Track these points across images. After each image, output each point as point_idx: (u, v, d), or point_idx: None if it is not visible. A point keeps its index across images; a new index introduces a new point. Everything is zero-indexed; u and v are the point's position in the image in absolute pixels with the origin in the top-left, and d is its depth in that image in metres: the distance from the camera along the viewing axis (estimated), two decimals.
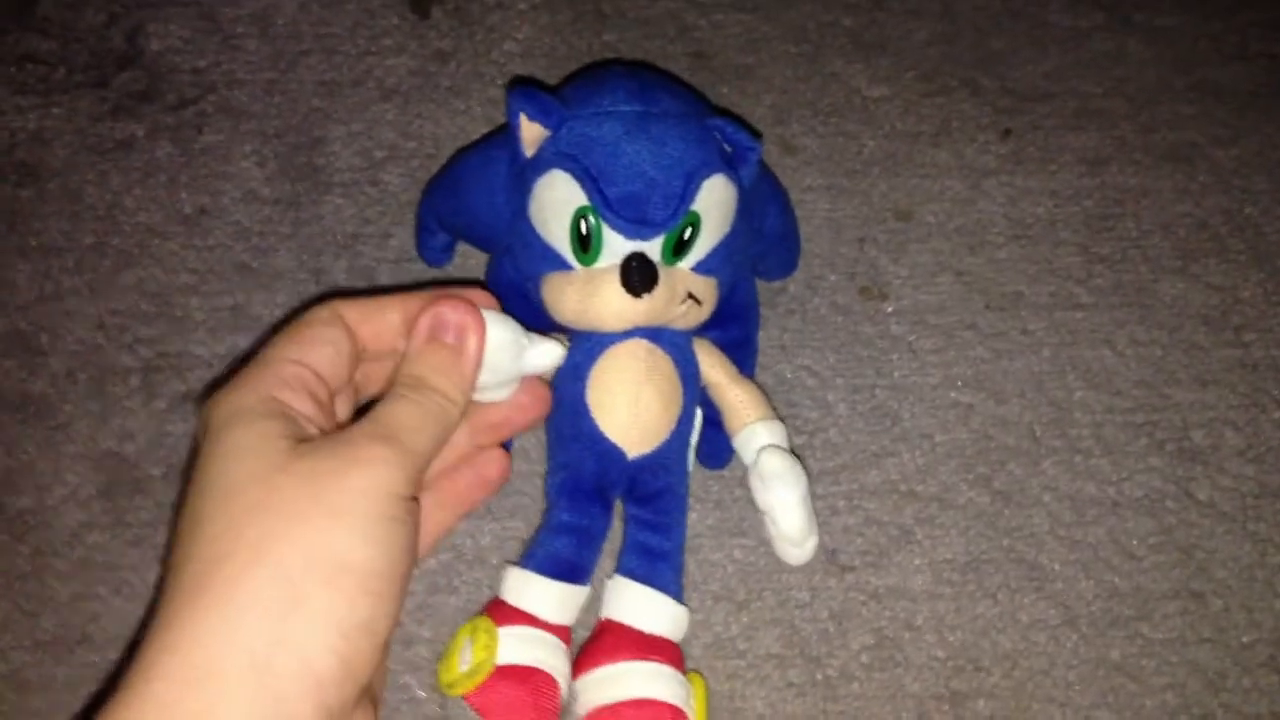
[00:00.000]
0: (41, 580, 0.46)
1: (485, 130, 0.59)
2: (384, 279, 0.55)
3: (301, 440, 0.32)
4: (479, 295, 0.39)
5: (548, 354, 0.40)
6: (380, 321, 0.37)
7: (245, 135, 0.58)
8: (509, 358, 0.38)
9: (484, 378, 0.37)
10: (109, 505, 0.48)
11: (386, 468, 0.31)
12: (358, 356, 0.36)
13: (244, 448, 0.31)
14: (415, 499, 0.32)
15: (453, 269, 0.55)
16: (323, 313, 0.36)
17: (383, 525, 0.30)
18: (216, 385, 0.34)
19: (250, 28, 0.62)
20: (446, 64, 0.62)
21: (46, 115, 0.58)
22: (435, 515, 0.38)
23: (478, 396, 0.38)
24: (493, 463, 0.40)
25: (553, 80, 0.61)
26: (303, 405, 0.33)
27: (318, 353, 0.34)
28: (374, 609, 0.30)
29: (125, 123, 0.58)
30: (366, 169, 0.58)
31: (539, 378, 0.41)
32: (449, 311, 0.36)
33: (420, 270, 0.55)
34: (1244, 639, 0.49)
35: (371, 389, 0.38)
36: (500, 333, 0.37)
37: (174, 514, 0.32)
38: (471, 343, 0.36)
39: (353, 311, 0.36)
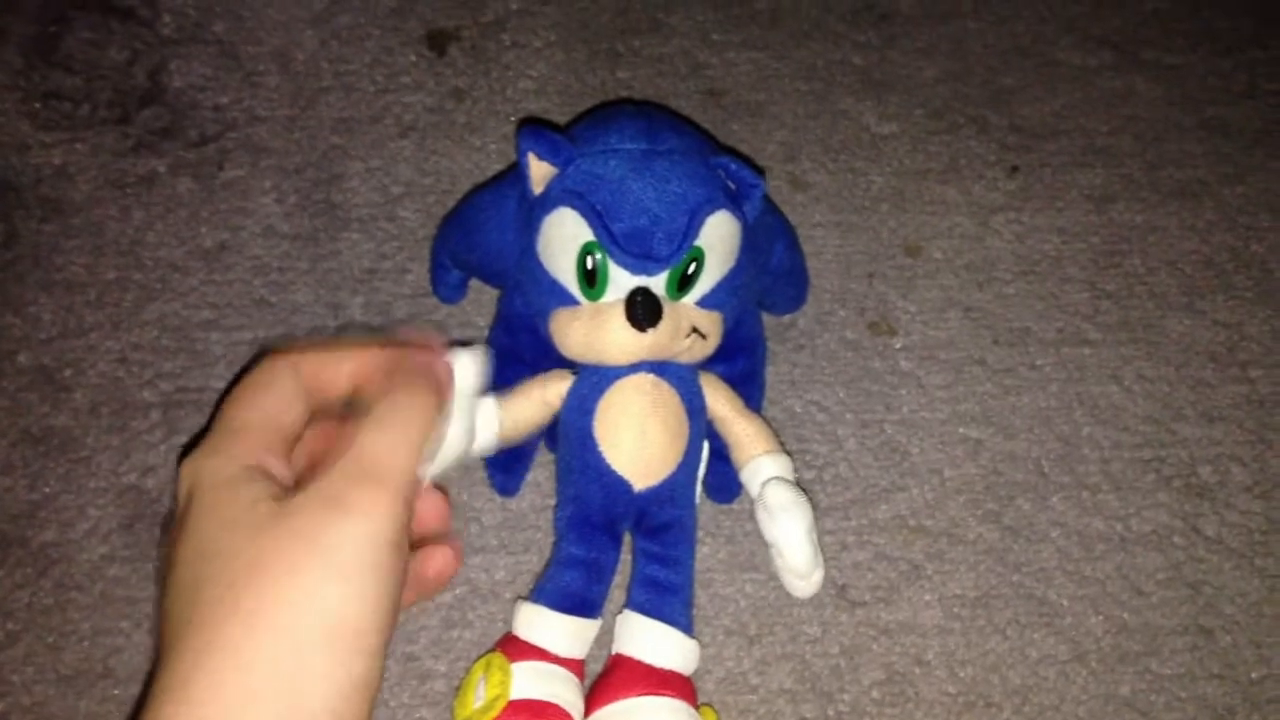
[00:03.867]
0: (64, 614, 0.47)
1: (501, 166, 0.60)
2: (400, 313, 0.55)
3: (285, 496, 0.32)
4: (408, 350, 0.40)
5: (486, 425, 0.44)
6: (335, 371, 0.38)
7: (265, 171, 0.59)
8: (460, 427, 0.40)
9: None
10: (130, 539, 0.49)
11: (375, 515, 0.31)
12: (311, 406, 0.37)
13: (233, 514, 0.31)
14: (400, 540, 0.32)
15: (467, 304, 0.55)
16: (281, 366, 0.36)
17: (373, 575, 0.30)
18: (192, 446, 0.34)
19: (270, 65, 0.63)
20: (463, 101, 0.63)
21: (71, 151, 0.59)
22: None
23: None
24: (432, 560, 0.39)
25: (567, 117, 0.62)
26: (277, 467, 0.34)
27: (285, 413, 0.35)
28: (368, 668, 0.30)
29: (147, 159, 0.59)
30: (384, 205, 0.59)
31: (442, 495, 0.41)
32: (423, 353, 0.37)
33: (435, 305, 0.56)
34: (1253, 675, 0.49)
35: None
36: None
37: (162, 576, 0.33)
38: (444, 373, 0.37)
39: (308, 364, 0.37)
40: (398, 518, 0.32)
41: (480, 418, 0.44)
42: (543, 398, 0.47)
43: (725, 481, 0.50)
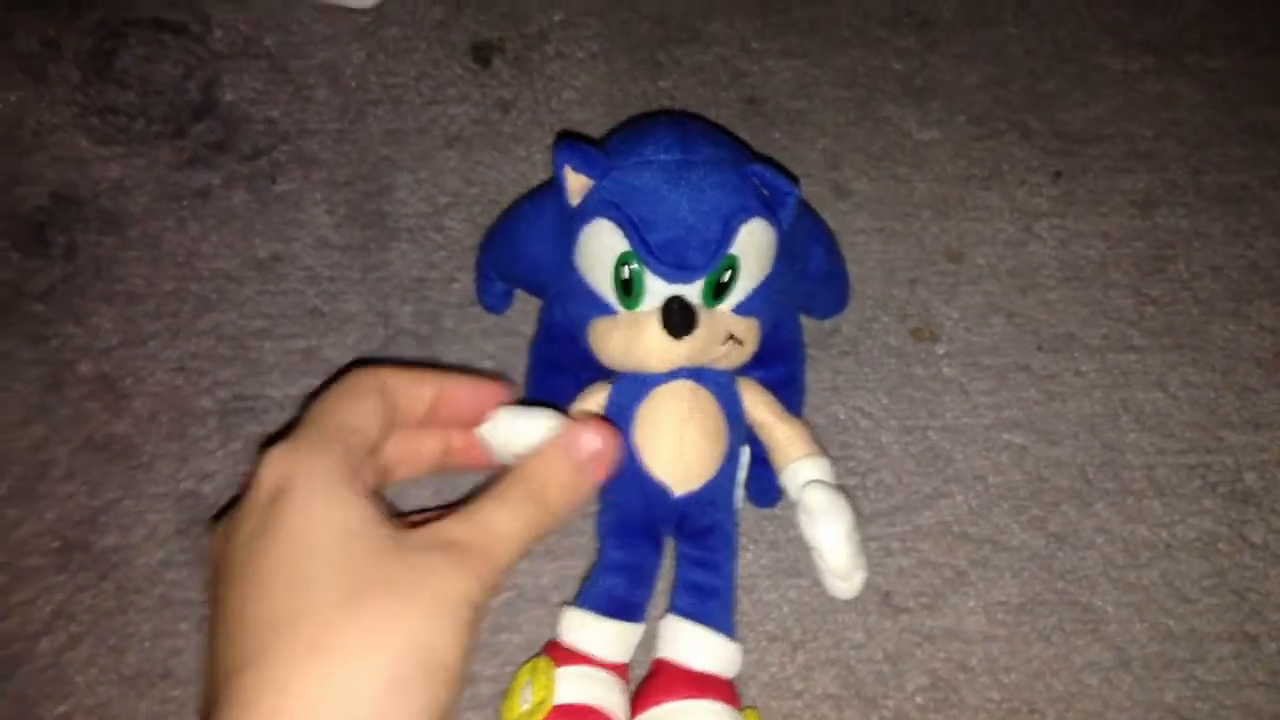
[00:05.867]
0: (125, 616, 0.48)
1: (546, 176, 0.61)
2: (449, 323, 0.56)
3: (392, 522, 0.34)
4: (494, 387, 0.42)
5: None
6: (416, 395, 0.39)
7: (316, 183, 0.60)
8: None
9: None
10: (188, 544, 0.50)
11: (480, 581, 0.33)
12: (392, 425, 0.38)
13: (347, 525, 0.33)
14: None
15: (513, 313, 0.56)
16: (371, 380, 0.38)
17: (467, 630, 0.32)
18: (246, 452, 0.35)
19: (320, 79, 0.64)
20: (508, 112, 0.64)
21: (128, 165, 0.61)
22: (396, 470, 0.40)
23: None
24: (458, 437, 0.41)
25: (610, 126, 0.63)
26: (370, 479, 0.35)
27: (374, 424, 0.36)
28: (452, 703, 0.32)
29: (202, 172, 0.61)
30: (431, 215, 0.60)
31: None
32: (593, 435, 0.38)
33: (482, 314, 0.56)
34: None
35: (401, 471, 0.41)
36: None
37: (242, 556, 0.33)
38: (600, 473, 0.38)
39: (394, 380, 0.38)
40: (490, 587, 0.34)
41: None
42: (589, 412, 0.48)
43: (767, 486, 0.50)
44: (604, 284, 0.45)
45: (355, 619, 0.31)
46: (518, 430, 0.40)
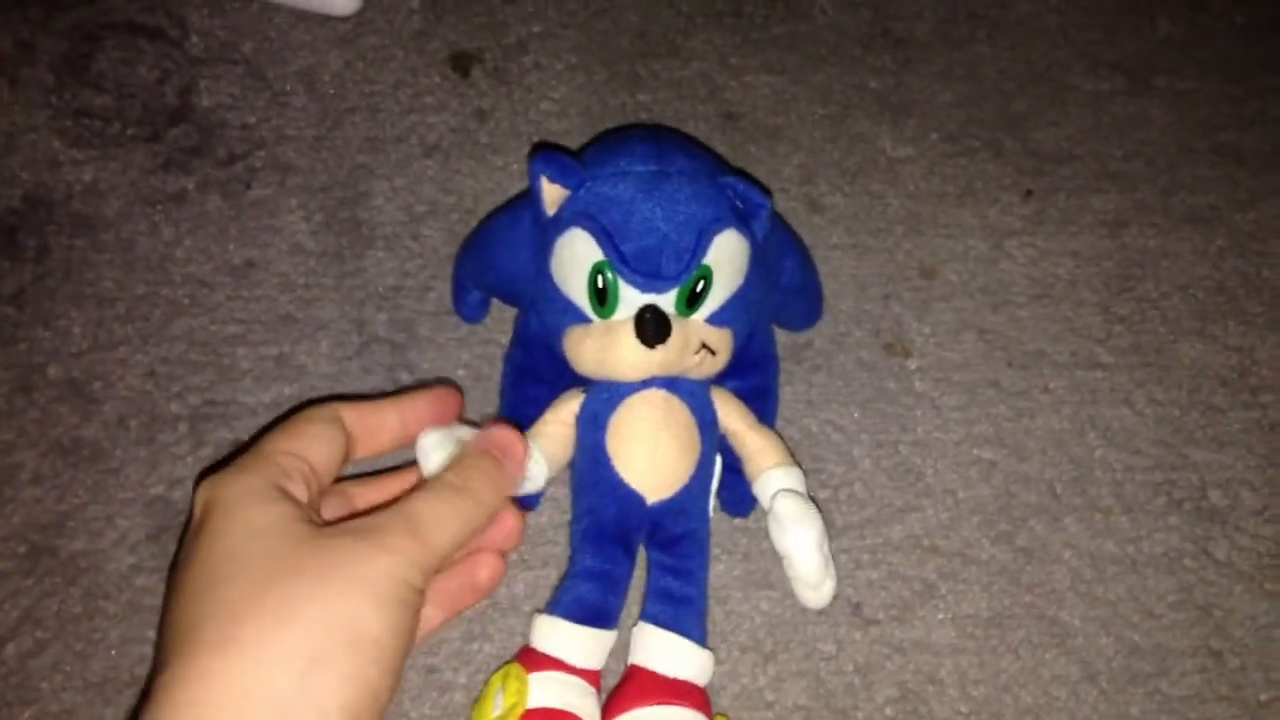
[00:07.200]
0: (92, 622, 0.48)
1: (522, 186, 0.61)
2: (424, 331, 0.56)
3: (316, 524, 0.34)
4: (449, 395, 0.44)
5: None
6: (378, 421, 0.40)
7: (292, 190, 0.60)
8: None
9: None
10: (157, 549, 0.50)
11: (406, 558, 0.33)
12: (349, 456, 0.39)
13: (264, 525, 0.33)
14: (423, 591, 0.34)
15: (489, 321, 0.56)
16: (323, 411, 0.39)
17: (396, 607, 0.32)
18: (209, 471, 0.36)
19: (297, 85, 0.64)
20: (486, 122, 0.64)
21: (102, 168, 0.60)
22: (426, 612, 0.40)
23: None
24: (483, 567, 0.43)
25: (587, 138, 0.63)
26: (301, 494, 0.35)
27: (314, 448, 0.37)
28: (381, 679, 0.32)
29: (177, 176, 0.60)
30: (408, 223, 0.60)
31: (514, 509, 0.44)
32: (499, 433, 0.40)
33: (457, 322, 0.56)
34: (1261, 697, 0.50)
35: None
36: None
37: (172, 580, 0.34)
38: (515, 458, 0.40)
39: (350, 413, 0.39)
40: (424, 572, 0.34)
41: (532, 466, 0.45)
42: (560, 420, 0.48)
43: (739, 495, 0.51)
44: (578, 293, 0.45)
45: (263, 603, 0.31)
46: (434, 447, 0.41)
